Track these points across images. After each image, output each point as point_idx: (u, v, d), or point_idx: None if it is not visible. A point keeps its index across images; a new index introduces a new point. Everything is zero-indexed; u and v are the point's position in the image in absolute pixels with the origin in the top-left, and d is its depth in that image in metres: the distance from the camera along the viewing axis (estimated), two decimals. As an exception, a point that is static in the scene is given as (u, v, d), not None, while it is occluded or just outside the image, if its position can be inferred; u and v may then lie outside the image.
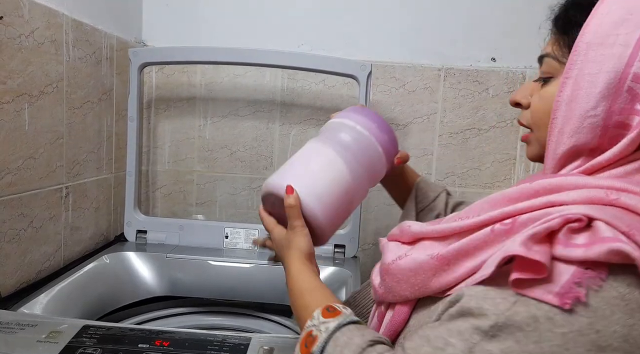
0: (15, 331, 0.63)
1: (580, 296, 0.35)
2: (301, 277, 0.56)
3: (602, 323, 0.35)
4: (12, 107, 0.76)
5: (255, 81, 1.24)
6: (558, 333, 0.35)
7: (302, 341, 0.48)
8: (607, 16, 0.43)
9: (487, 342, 0.37)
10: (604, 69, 0.42)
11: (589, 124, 0.43)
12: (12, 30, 0.75)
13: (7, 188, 0.76)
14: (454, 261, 0.44)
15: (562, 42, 0.47)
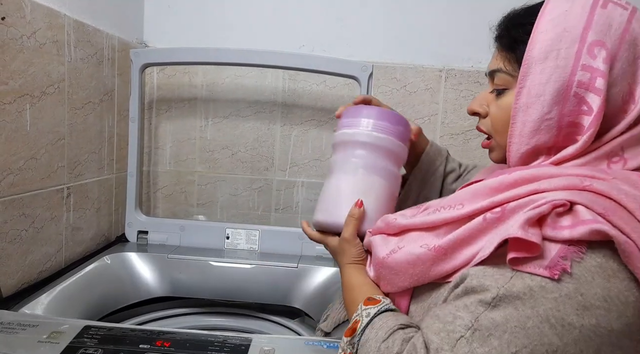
0: (16, 331, 0.63)
1: (566, 268, 0.42)
2: (352, 278, 0.61)
3: (585, 287, 0.42)
4: (14, 107, 0.76)
5: (256, 82, 1.24)
6: (550, 298, 0.42)
7: (348, 330, 0.53)
8: (547, 34, 0.50)
9: (490, 311, 0.43)
10: (552, 79, 0.49)
11: (546, 126, 0.50)
12: (14, 31, 0.75)
13: (9, 188, 0.76)
14: (452, 250, 0.50)
15: (510, 58, 0.54)
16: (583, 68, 0.48)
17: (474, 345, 0.42)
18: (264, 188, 1.28)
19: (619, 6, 0.50)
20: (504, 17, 0.57)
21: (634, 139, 0.49)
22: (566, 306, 0.41)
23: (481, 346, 0.42)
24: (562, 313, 0.41)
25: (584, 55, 0.48)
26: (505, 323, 0.42)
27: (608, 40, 0.48)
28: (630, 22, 0.49)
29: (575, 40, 0.48)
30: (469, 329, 0.43)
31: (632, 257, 0.42)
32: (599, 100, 0.47)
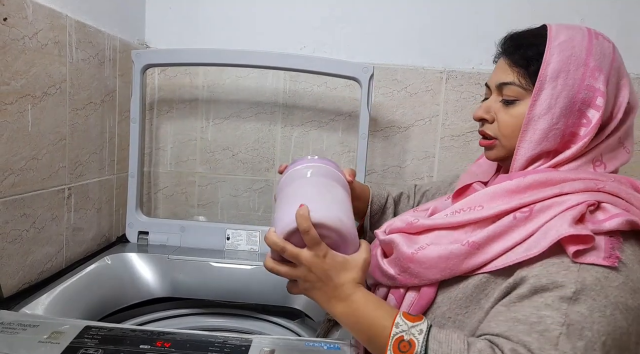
0: (17, 331, 0.63)
1: (619, 256, 0.50)
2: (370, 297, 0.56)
3: (632, 274, 0.50)
4: (16, 108, 0.76)
5: (257, 83, 1.25)
6: (614, 286, 0.49)
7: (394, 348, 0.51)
8: (558, 56, 0.59)
9: (574, 305, 0.48)
10: (562, 95, 0.58)
11: (553, 135, 0.59)
12: (15, 31, 0.75)
13: (10, 189, 0.77)
14: (484, 245, 0.55)
15: (524, 74, 0.61)
16: (587, 88, 0.58)
17: (573, 340, 0.46)
18: (264, 189, 1.28)
19: (605, 40, 0.61)
20: (512, 35, 0.65)
21: (609, 147, 0.60)
22: (625, 292, 0.48)
23: (579, 340, 0.46)
24: (624, 298, 0.48)
25: (588, 78, 0.58)
26: (590, 315, 0.47)
27: (604, 66, 0.59)
28: (615, 53, 0.61)
29: (581, 64, 0.58)
30: (562, 325, 0.47)
31: None
32: (598, 115, 0.57)
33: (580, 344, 0.46)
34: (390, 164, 1.25)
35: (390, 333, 0.52)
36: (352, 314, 0.56)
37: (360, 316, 0.55)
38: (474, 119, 0.68)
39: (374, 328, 0.54)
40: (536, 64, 0.59)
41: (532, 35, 0.63)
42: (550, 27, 0.61)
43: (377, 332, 0.53)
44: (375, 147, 1.24)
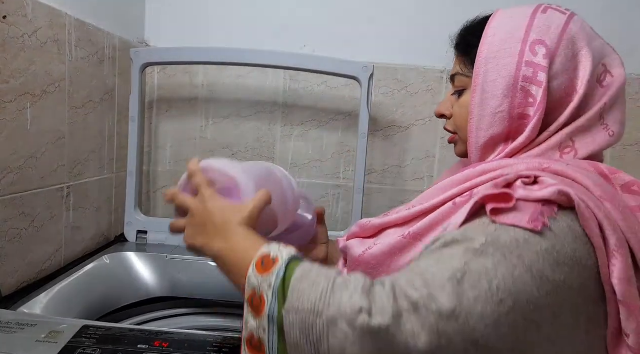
0: (14, 330, 0.62)
1: (546, 222, 0.45)
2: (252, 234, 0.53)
3: (559, 245, 0.45)
4: (15, 106, 0.76)
5: (257, 82, 1.24)
6: (533, 251, 0.44)
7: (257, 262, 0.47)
8: (495, 37, 0.56)
9: (479, 257, 0.43)
10: (501, 75, 0.55)
11: (499, 118, 0.55)
12: (15, 29, 0.75)
13: (9, 187, 0.76)
14: (425, 234, 0.53)
15: (466, 61, 0.60)
16: (527, 64, 0.54)
17: (465, 286, 0.41)
18: (264, 189, 1.28)
19: (558, 11, 0.57)
20: (461, 28, 0.65)
21: (580, 129, 0.54)
22: (545, 261, 0.44)
23: (472, 289, 0.41)
24: (541, 266, 0.43)
25: (527, 53, 0.54)
26: (495, 269, 0.43)
27: (547, 39, 0.54)
28: (568, 24, 0.55)
29: (519, 40, 0.54)
30: (458, 271, 0.42)
31: (589, 224, 0.45)
32: (541, 91, 0.53)
33: (472, 292, 0.41)
34: (390, 163, 1.25)
35: (257, 250, 0.48)
36: (229, 248, 0.52)
37: (237, 246, 0.51)
38: (435, 115, 0.67)
39: (247, 255, 0.49)
40: (475, 51, 0.57)
41: (477, 22, 0.61)
42: (495, 12, 0.59)
43: (248, 258, 0.49)
44: (375, 147, 1.24)
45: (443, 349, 0.40)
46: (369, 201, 1.26)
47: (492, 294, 0.41)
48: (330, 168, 1.26)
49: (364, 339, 0.40)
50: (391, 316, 0.40)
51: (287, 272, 0.45)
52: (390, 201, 1.26)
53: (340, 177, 1.26)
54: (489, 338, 0.41)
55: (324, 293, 0.42)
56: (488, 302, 0.41)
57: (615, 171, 0.53)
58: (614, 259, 0.45)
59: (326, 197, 1.27)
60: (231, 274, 0.52)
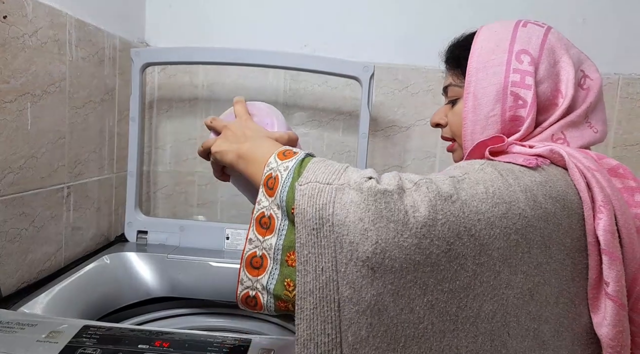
0: (15, 330, 0.62)
1: (539, 163, 0.51)
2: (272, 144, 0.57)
3: (552, 182, 0.50)
4: (15, 106, 0.76)
5: (257, 82, 1.24)
6: (527, 178, 0.49)
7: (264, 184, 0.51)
8: (483, 49, 0.61)
9: (478, 172, 0.49)
10: (491, 82, 0.60)
11: (492, 122, 0.60)
12: (15, 29, 0.75)
13: (9, 187, 0.76)
14: None
15: (457, 73, 0.66)
16: (514, 71, 0.59)
17: (464, 185, 0.46)
18: (264, 189, 1.28)
19: (537, 25, 0.63)
20: (449, 44, 0.70)
21: (570, 124, 0.59)
22: (539, 188, 0.48)
23: (470, 188, 0.46)
24: (535, 192, 0.48)
25: (513, 61, 0.59)
26: (491, 181, 0.47)
27: (530, 48, 0.60)
28: (547, 36, 0.61)
29: (505, 50, 0.60)
30: (459, 176, 0.48)
31: (577, 179, 0.51)
32: (531, 93, 0.58)
33: (470, 190, 0.46)
34: (391, 164, 1.25)
35: (263, 169, 0.52)
36: (255, 147, 0.56)
37: (262, 145, 0.56)
38: (431, 125, 0.72)
39: (270, 150, 0.54)
40: (465, 62, 0.63)
41: (465, 38, 0.67)
42: (480, 29, 0.65)
43: (270, 152, 0.53)
44: (376, 147, 1.24)
45: (438, 224, 0.43)
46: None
47: (488, 196, 0.46)
48: (330, 168, 1.26)
49: (368, 201, 0.43)
50: (395, 187, 0.44)
51: (305, 160, 0.51)
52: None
53: (340, 177, 1.26)
54: (481, 232, 0.44)
55: (336, 171, 0.48)
56: (483, 201, 0.45)
57: (602, 156, 0.58)
58: (600, 213, 0.49)
59: (326, 198, 1.27)
60: (252, 167, 0.55)
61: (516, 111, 0.59)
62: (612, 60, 1.18)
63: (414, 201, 0.44)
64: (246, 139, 0.59)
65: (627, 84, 1.18)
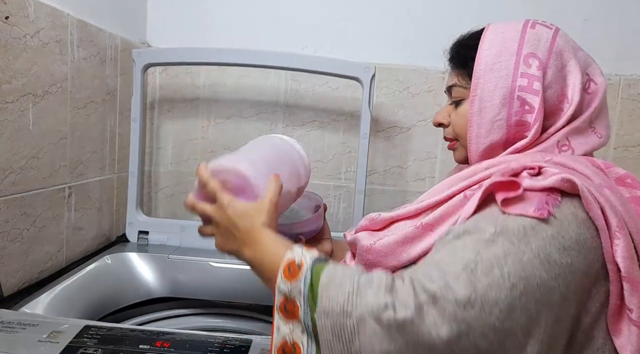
0: (16, 330, 0.63)
1: (550, 210, 0.48)
2: (278, 237, 0.57)
3: (564, 230, 0.48)
4: (17, 106, 0.76)
5: (258, 83, 1.24)
6: (539, 237, 0.47)
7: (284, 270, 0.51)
8: (490, 51, 0.60)
9: (490, 246, 0.47)
10: (498, 86, 0.58)
11: (497, 126, 0.59)
12: (17, 30, 0.75)
13: (11, 187, 0.76)
14: (437, 225, 0.56)
15: (463, 74, 0.64)
16: (522, 75, 0.58)
17: (478, 274, 0.45)
18: (265, 189, 1.28)
19: (545, 27, 0.61)
20: (454, 42, 0.68)
21: (574, 131, 0.59)
22: (551, 245, 0.47)
23: (485, 276, 0.45)
24: (548, 251, 0.47)
25: (521, 65, 0.58)
26: (505, 257, 0.46)
27: (539, 52, 0.58)
28: (555, 38, 0.60)
29: (513, 53, 0.59)
30: (471, 261, 0.46)
31: (592, 206, 0.49)
32: (538, 99, 0.57)
33: (485, 280, 0.44)
34: (391, 164, 1.25)
35: (283, 256, 0.52)
36: (258, 256, 0.56)
37: (265, 253, 0.55)
38: (433, 124, 0.70)
39: (274, 261, 0.53)
40: (471, 63, 0.61)
41: (472, 38, 0.65)
42: (487, 27, 0.63)
43: (275, 264, 0.52)
44: (377, 148, 1.24)
45: (463, 335, 0.42)
46: (371, 202, 1.26)
47: (504, 280, 0.45)
48: (331, 169, 1.26)
49: (391, 333, 0.43)
50: (413, 309, 0.43)
51: (313, 277, 0.49)
52: (391, 201, 1.26)
53: (341, 178, 1.26)
54: (504, 321, 0.43)
55: (350, 294, 0.46)
56: (501, 288, 0.44)
57: (609, 165, 0.58)
58: (617, 239, 0.49)
59: (328, 198, 1.27)
60: (263, 280, 0.57)
61: (522, 116, 0.58)
62: (613, 61, 1.18)
63: (434, 319, 0.43)
64: (242, 240, 0.57)
65: (628, 85, 1.18)
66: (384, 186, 1.26)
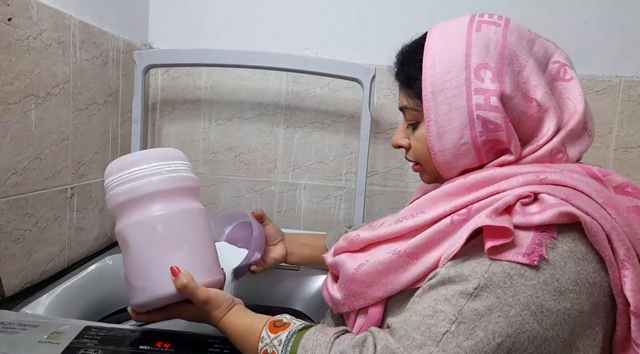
0: (17, 331, 0.63)
1: (542, 254, 0.43)
2: (241, 320, 0.59)
3: (559, 273, 0.43)
4: (19, 108, 0.77)
5: (260, 84, 1.25)
6: (529, 285, 0.43)
7: None
8: (436, 68, 0.53)
9: (473, 302, 0.43)
10: (453, 107, 0.52)
11: (465, 150, 0.53)
12: (20, 31, 0.75)
13: (13, 188, 0.77)
14: (421, 253, 0.51)
15: (411, 94, 0.57)
16: (476, 92, 0.51)
17: (459, 339, 0.42)
18: (266, 190, 1.28)
19: (492, 24, 0.53)
20: (398, 52, 0.60)
21: (570, 136, 0.53)
22: (544, 292, 0.43)
23: (467, 339, 0.42)
24: (540, 299, 0.42)
25: (473, 80, 0.51)
26: (488, 314, 0.42)
27: (490, 60, 0.51)
28: (506, 38, 0.52)
29: (462, 68, 0.51)
30: (453, 322, 0.42)
31: (597, 237, 0.44)
32: (500, 115, 0.50)
33: (468, 343, 0.41)
34: (392, 165, 1.25)
35: (258, 347, 0.53)
36: (231, 337, 0.59)
37: (235, 338, 0.58)
38: (393, 146, 0.63)
39: (249, 348, 0.55)
40: (418, 83, 0.54)
41: (413, 48, 0.58)
42: (429, 34, 0.56)
43: (253, 350, 0.54)
44: (377, 149, 1.24)
45: None
46: (371, 203, 1.26)
47: (489, 340, 0.41)
48: (332, 170, 1.27)
49: None
50: None
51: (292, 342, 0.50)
52: (392, 202, 1.26)
53: (342, 179, 1.27)
54: None
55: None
56: (485, 349, 0.41)
57: (606, 172, 0.53)
58: (625, 270, 0.44)
59: (328, 199, 1.27)
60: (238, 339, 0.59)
61: (489, 136, 0.51)
62: (614, 63, 1.18)
63: None
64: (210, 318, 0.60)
65: (628, 86, 1.18)
66: (384, 187, 1.26)
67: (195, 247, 0.60)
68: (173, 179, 0.62)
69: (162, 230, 0.58)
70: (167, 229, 0.58)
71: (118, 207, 0.61)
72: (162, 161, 0.62)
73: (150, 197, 0.59)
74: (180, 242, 0.59)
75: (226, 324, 0.58)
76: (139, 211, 0.59)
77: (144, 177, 0.60)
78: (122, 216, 0.61)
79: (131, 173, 0.60)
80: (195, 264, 0.58)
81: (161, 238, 0.58)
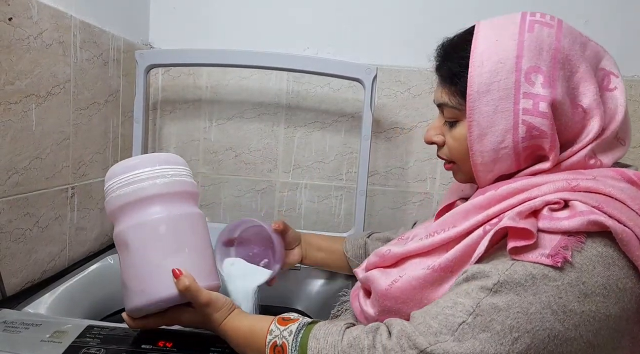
0: (19, 330, 0.63)
1: (567, 257, 0.43)
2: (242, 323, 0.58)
3: (586, 276, 0.43)
4: (20, 107, 0.77)
5: (260, 84, 1.25)
6: (552, 285, 0.43)
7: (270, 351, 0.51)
8: (484, 68, 0.50)
9: (492, 297, 0.43)
10: (498, 109, 0.50)
11: (504, 154, 0.52)
12: (20, 31, 0.75)
13: (14, 188, 0.77)
14: (456, 267, 0.50)
15: (454, 92, 0.54)
16: (525, 96, 0.49)
17: (475, 330, 0.42)
18: (267, 190, 1.28)
19: (545, 26, 0.51)
20: (440, 46, 0.58)
21: (602, 145, 0.52)
22: (568, 294, 0.42)
23: (483, 331, 0.42)
24: (564, 300, 0.42)
25: (523, 84, 0.49)
26: (507, 309, 0.43)
27: (542, 64, 0.49)
28: (560, 41, 0.51)
29: (512, 70, 0.50)
30: (470, 314, 0.43)
31: (630, 245, 0.43)
32: (547, 122, 0.49)
33: (484, 335, 0.42)
34: (393, 165, 1.25)
35: (265, 341, 0.52)
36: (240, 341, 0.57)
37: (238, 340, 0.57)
38: (425, 142, 0.61)
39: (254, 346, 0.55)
40: (463, 81, 0.52)
41: (458, 43, 0.56)
42: (477, 30, 0.54)
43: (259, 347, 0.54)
44: (378, 149, 1.24)
45: None
46: (372, 203, 1.26)
47: (505, 333, 0.42)
48: (333, 170, 1.27)
49: None
50: None
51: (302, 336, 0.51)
52: (393, 202, 1.27)
53: (343, 178, 1.27)
54: None
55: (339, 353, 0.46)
56: (501, 342, 0.41)
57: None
58: None
59: (329, 199, 1.27)
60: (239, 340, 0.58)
61: (532, 141, 0.50)
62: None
63: None
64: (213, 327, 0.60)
65: (629, 86, 1.18)
66: (385, 187, 1.26)
67: (196, 251, 0.60)
68: (176, 183, 0.62)
69: (165, 232, 0.58)
70: (170, 231, 0.58)
71: (120, 209, 0.61)
72: (165, 165, 0.62)
73: (154, 199, 0.59)
74: (182, 245, 0.59)
75: (227, 327, 0.58)
76: (141, 213, 0.59)
77: (147, 179, 0.60)
78: (123, 219, 0.61)
79: (134, 175, 0.60)
80: (195, 267, 0.58)
81: (163, 240, 0.58)
